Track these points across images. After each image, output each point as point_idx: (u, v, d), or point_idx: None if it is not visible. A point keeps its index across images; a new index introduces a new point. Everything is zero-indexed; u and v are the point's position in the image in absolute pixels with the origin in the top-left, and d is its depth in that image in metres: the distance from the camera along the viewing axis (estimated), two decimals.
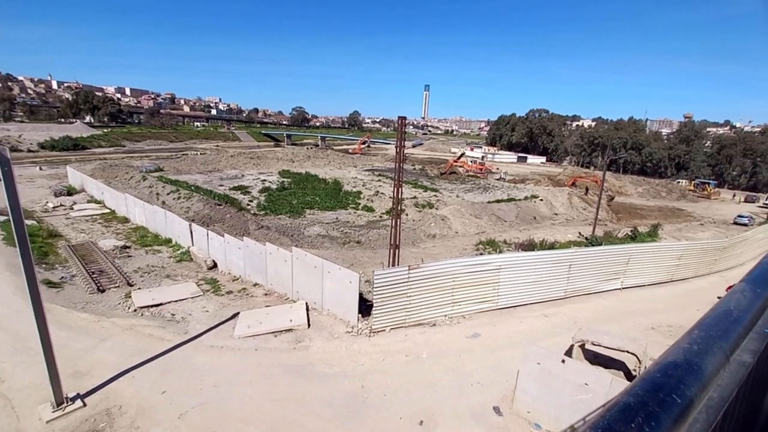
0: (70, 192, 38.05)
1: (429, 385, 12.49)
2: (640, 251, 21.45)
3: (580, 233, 33.59)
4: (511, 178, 70.38)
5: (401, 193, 19.19)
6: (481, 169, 72.70)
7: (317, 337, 14.75)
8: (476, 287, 16.99)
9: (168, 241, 25.09)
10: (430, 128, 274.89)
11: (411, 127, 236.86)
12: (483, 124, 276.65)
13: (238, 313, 16.04)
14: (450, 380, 12.79)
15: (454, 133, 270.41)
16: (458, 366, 13.55)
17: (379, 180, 56.21)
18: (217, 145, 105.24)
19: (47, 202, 33.59)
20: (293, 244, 23.39)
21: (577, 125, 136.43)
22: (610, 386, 9.56)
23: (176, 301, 17.17)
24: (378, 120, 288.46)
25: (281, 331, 14.94)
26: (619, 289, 20.79)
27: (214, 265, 21.42)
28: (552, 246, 28.16)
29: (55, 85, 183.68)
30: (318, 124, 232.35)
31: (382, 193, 43.89)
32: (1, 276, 18.55)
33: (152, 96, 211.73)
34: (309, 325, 15.49)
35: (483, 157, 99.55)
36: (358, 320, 15.56)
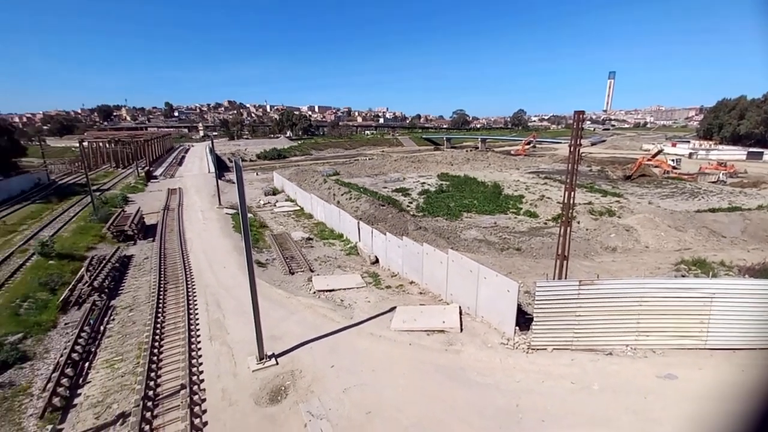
0: (275, 192, 47.92)
1: (600, 423, 10.53)
2: None
3: None
4: (737, 180, 53.69)
5: (573, 197, 16.89)
6: (713, 169, 57.53)
7: (469, 343, 14.34)
8: (674, 317, 13.49)
9: (340, 236, 28.74)
10: (613, 122, 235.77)
11: (588, 122, 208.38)
12: (693, 113, 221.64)
13: (395, 308, 17.03)
14: (629, 423, 10.50)
15: (648, 126, 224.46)
16: (642, 408, 11.01)
17: (545, 183, 51.38)
18: (383, 151, 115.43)
19: (260, 200, 43.14)
20: (449, 247, 23.48)
21: None
22: None
23: (345, 289, 19.44)
24: (546, 117, 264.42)
25: (434, 331, 15.13)
26: None
27: (376, 261, 23.37)
28: None
29: (268, 108, 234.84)
30: (478, 126, 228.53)
31: (548, 198, 39.96)
32: (231, 255, 24.64)
33: (334, 111, 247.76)
34: (461, 330, 15.21)
35: (690, 154, 79.35)
36: (515, 333, 14.41)
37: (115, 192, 46.68)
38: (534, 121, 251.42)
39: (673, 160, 63.06)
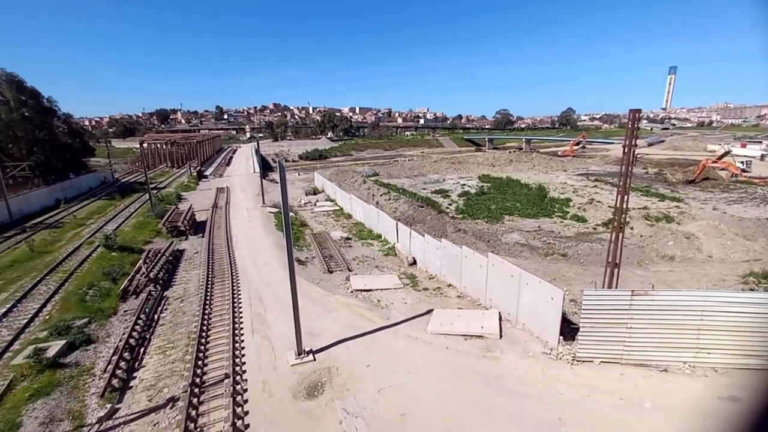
0: (315, 192, 49.07)
1: None
2: None
3: None
4: None
5: (627, 201, 15.83)
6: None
7: (509, 351, 13.85)
8: (739, 334, 12.23)
9: (378, 237, 28.87)
10: (673, 121, 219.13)
11: (645, 121, 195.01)
12: (766, 110, 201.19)
13: (431, 310, 16.82)
14: None
15: (714, 125, 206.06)
16: None
17: (595, 186, 48.79)
18: (423, 152, 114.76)
19: (301, 200, 44.35)
20: (489, 250, 22.86)
21: None
22: None
23: (382, 289, 19.48)
24: (597, 116, 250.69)
25: (472, 336, 14.77)
26: None
27: (414, 262, 23.23)
28: None
29: (311, 110, 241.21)
30: (523, 126, 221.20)
31: (597, 201, 37.88)
32: (272, 252, 25.52)
33: (374, 112, 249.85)
34: (501, 336, 14.73)
35: (763, 155, 72.09)
36: (559, 343, 13.73)
37: (170, 190, 49.95)
38: (584, 120, 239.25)
39: (742, 163, 57.46)
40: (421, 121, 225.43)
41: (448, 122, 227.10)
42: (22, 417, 10.98)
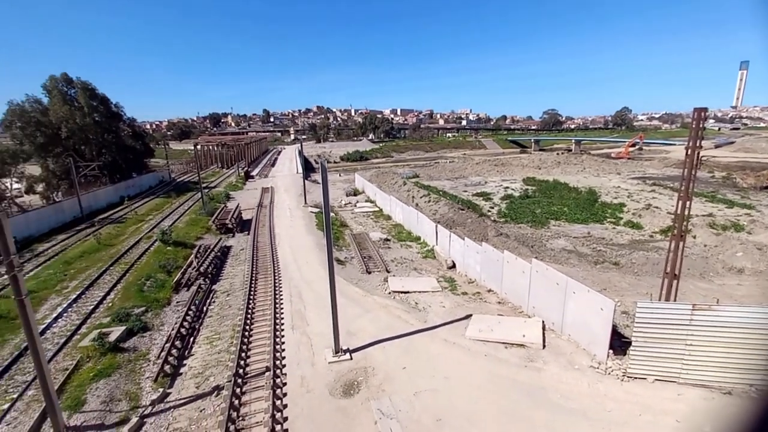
0: (356, 193, 49.71)
1: None
2: None
3: None
4: None
5: (689, 207, 14.57)
6: None
7: (553, 362, 13.19)
8: None
9: (417, 239, 28.68)
10: (745, 121, 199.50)
11: (712, 120, 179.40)
12: None
13: (470, 315, 16.42)
14: None
15: None
16: None
17: (653, 190, 45.56)
18: (464, 154, 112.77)
19: (341, 200, 45.11)
20: (533, 256, 21.97)
21: None
22: None
23: (420, 291, 19.31)
24: (657, 116, 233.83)
25: (512, 344, 14.24)
26: None
27: (453, 266, 22.83)
28: None
29: (353, 113, 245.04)
30: (572, 126, 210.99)
31: (655, 207, 35.34)
32: (313, 251, 26.12)
33: (416, 114, 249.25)
34: (544, 346, 14.07)
35: None
36: (608, 356, 12.88)
37: (219, 189, 52.77)
38: (641, 120, 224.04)
39: None
40: (464, 123, 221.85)
41: (492, 123, 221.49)
42: (87, 395, 12.01)
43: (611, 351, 12.96)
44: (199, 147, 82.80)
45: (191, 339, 15.67)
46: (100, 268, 22.58)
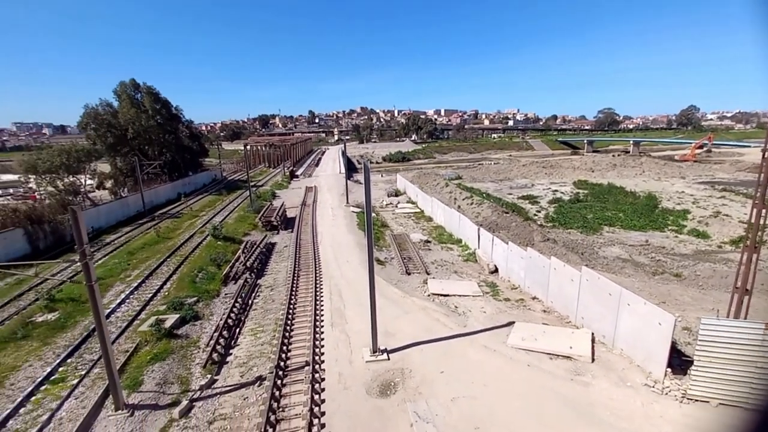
0: (397, 194, 49.72)
1: None
2: None
3: None
4: None
5: (765, 216, 13.08)
6: None
7: (602, 377, 12.36)
8: None
9: (459, 241, 28.13)
10: None
11: None
12: None
13: (513, 323, 15.81)
14: None
15: None
16: None
17: (722, 197, 41.65)
18: (510, 155, 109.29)
19: (382, 200, 45.32)
20: (583, 263, 20.79)
21: None
22: None
23: (460, 295, 18.91)
24: (729, 114, 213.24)
25: (558, 356, 13.52)
26: None
27: (495, 270, 22.13)
28: None
29: (396, 113, 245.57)
30: (631, 126, 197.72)
31: (725, 215, 32.28)
32: (353, 250, 26.44)
33: (460, 114, 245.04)
34: (593, 360, 13.23)
35: None
36: (666, 375, 11.86)
37: (266, 188, 55.00)
38: (710, 119, 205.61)
39: None
40: (510, 123, 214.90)
41: (541, 123, 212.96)
42: (144, 376, 12.96)
43: (669, 369, 11.93)
44: (248, 147, 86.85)
45: (237, 330, 16.42)
46: (159, 259, 24.33)
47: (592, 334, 14.43)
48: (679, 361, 12.38)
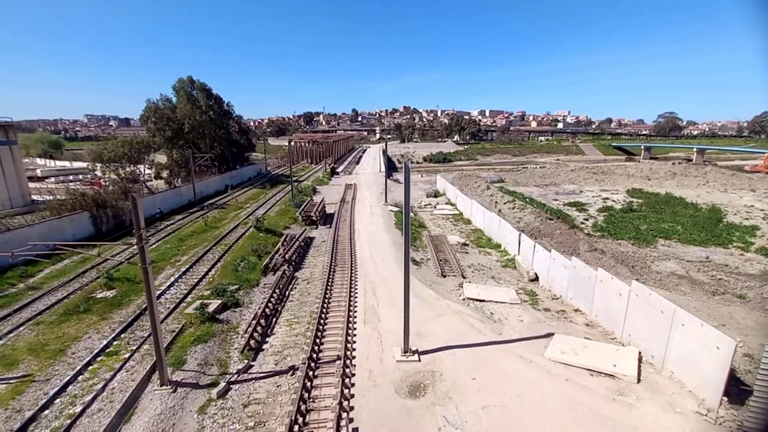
0: (436, 195, 49.18)
1: None
2: None
3: None
4: None
5: None
6: None
7: (648, 400, 11.52)
8: None
9: (498, 246, 27.34)
10: None
11: None
12: None
13: (552, 334, 15.13)
14: None
15: None
16: None
17: None
18: (558, 159, 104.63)
19: (421, 201, 44.99)
20: (633, 277, 19.52)
21: None
22: None
23: (496, 302, 18.37)
24: None
25: (600, 373, 12.77)
26: None
27: (536, 278, 21.29)
28: None
29: (439, 113, 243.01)
30: (695, 132, 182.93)
31: None
32: (389, 249, 26.47)
33: (506, 115, 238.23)
34: (638, 380, 12.37)
35: None
36: (721, 404, 10.85)
37: (307, 183, 56.43)
38: None
39: None
40: (560, 125, 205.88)
41: (593, 127, 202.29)
42: (187, 356, 13.74)
43: (725, 398, 10.91)
44: (292, 143, 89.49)
45: (274, 319, 16.99)
46: (205, 247, 25.71)
47: (640, 353, 13.49)
48: (737, 390, 11.31)
